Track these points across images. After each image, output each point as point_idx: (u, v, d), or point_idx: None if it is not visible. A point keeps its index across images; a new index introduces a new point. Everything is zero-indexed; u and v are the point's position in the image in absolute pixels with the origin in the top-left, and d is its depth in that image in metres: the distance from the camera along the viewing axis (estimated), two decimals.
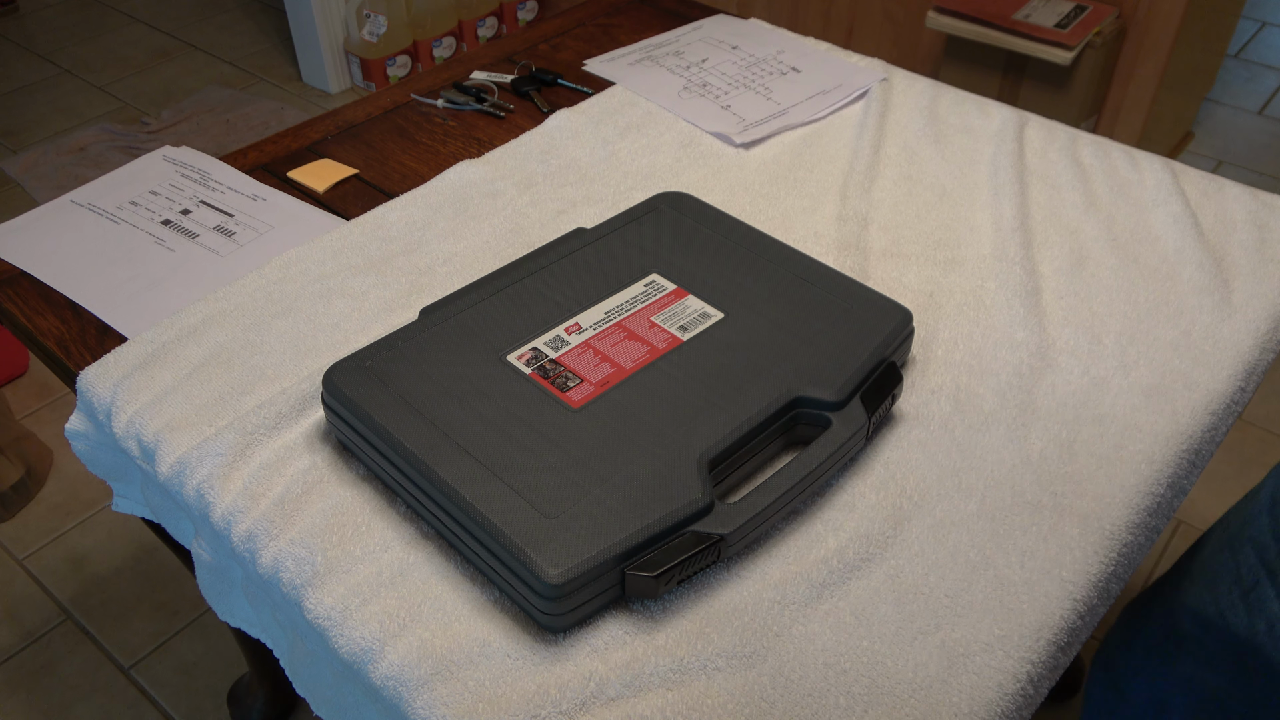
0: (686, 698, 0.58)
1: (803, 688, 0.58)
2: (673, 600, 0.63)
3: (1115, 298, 0.85)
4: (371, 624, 0.61)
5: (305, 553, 0.65)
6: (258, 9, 2.95)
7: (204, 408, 0.75)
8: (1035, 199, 0.96)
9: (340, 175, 1.01)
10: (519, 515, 0.60)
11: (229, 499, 0.69)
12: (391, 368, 0.70)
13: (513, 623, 0.61)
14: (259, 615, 0.73)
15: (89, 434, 0.81)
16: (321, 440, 0.72)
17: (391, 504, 0.68)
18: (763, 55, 1.19)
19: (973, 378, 0.77)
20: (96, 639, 1.37)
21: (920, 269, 0.88)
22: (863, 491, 0.69)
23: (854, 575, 0.64)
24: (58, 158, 2.31)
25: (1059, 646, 0.62)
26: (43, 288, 0.88)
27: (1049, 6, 1.70)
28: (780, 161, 1.02)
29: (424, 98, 1.13)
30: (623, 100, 1.11)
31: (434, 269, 0.88)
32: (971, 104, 1.09)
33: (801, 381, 0.69)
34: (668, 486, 0.62)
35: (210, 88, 2.57)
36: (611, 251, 0.81)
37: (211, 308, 0.84)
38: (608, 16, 1.30)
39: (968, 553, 0.65)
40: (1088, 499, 0.69)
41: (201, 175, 1.01)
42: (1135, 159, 1.01)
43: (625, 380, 0.70)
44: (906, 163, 1.01)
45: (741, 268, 0.80)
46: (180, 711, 1.29)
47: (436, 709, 0.57)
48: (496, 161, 1.01)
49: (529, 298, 0.77)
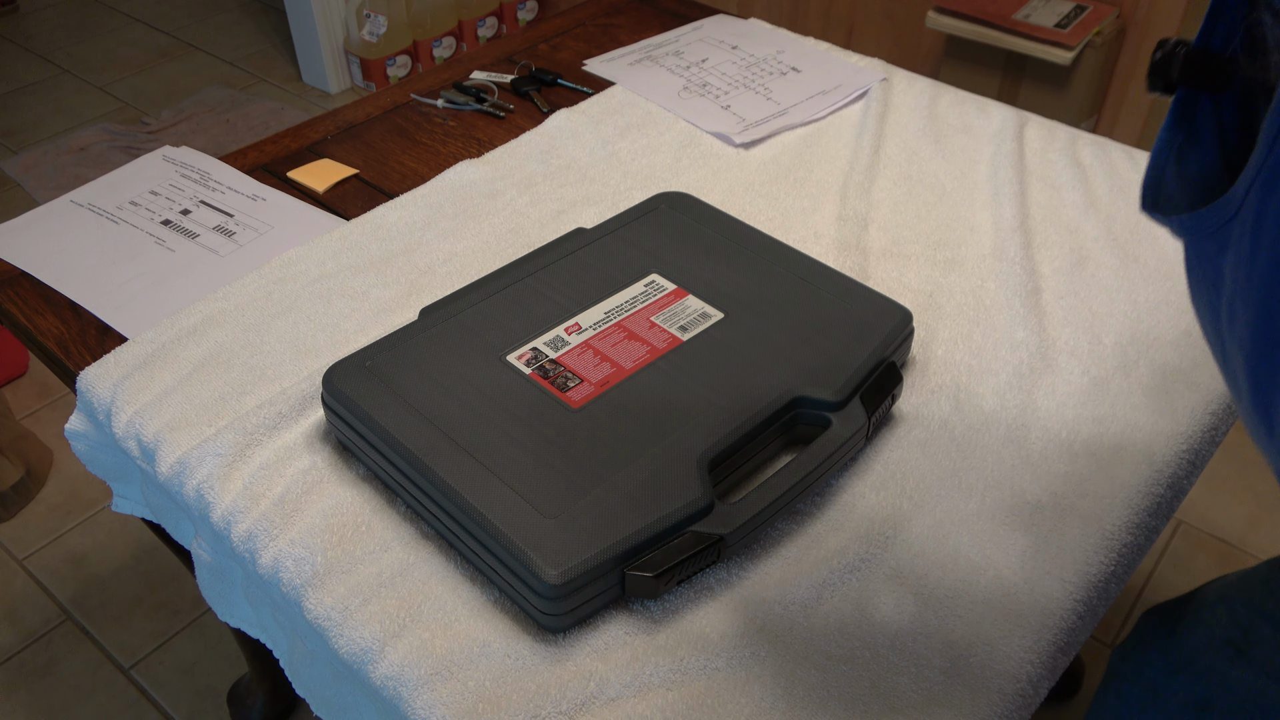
0: (687, 698, 0.58)
1: (803, 688, 0.58)
2: (673, 600, 0.63)
3: (1115, 297, 0.85)
4: (371, 624, 0.61)
5: (305, 553, 0.65)
6: (258, 9, 2.95)
7: (204, 408, 0.75)
8: (1035, 199, 0.96)
9: (340, 175, 1.01)
10: (519, 515, 0.60)
11: (229, 499, 0.69)
12: (391, 368, 0.70)
13: (513, 623, 0.61)
14: (259, 615, 0.73)
15: (89, 434, 0.81)
16: (321, 440, 0.72)
17: (391, 504, 0.68)
18: (763, 55, 1.19)
19: (973, 377, 0.77)
20: (96, 639, 1.37)
21: (920, 269, 0.88)
22: (862, 491, 0.69)
23: (854, 575, 0.64)
24: (58, 158, 2.31)
25: (1059, 646, 0.62)
26: (43, 288, 0.88)
27: (1049, 6, 1.70)
28: (780, 161, 1.02)
29: (424, 98, 1.13)
30: (623, 100, 1.11)
31: (434, 269, 0.88)
32: (971, 104, 1.09)
33: (801, 381, 0.69)
34: (668, 486, 0.62)
35: (210, 88, 2.57)
36: (611, 251, 0.81)
37: (211, 308, 0.83)
38: (607, 16, 1.30)
39: (968, 553, 0.65)
40: (1088, 499, 0.69)
41: (201, 175, 1.01)
42: (1135, 159, 1.01)
43: (625, 380, 0.70)
44: (906, 163, 1.01)
45: (741, 268, 0.79)
46: (180, 711, 1.29)
47: (436, 709, 0.57)
48: (496, 161, 1.01)
49: (529, 298, 0.77)
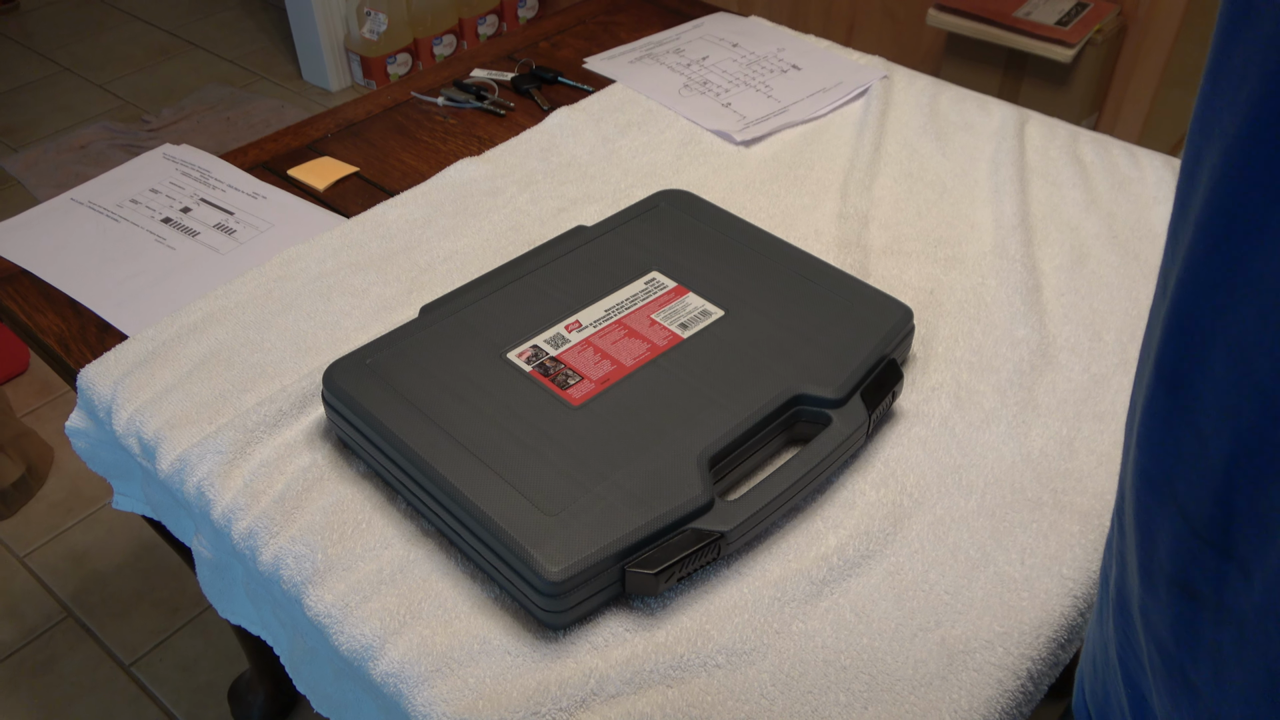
0: (687, 695, 0.58)
1: (803, 685, 0.58)
2: (673, 597, 0.63)
3: (1116, 295, 0.85)
4: (372, 621, 0.61)
5: (305, 550, 0.65)
6: (258, 7, 2.94)
7: (204, 405, 0.75)
8: (1036, 196, 0.96)
9: (341, 173, 1.01)
10: (519, 512, 0.60)
11: (229, 496, 0.69)
12: (392, 365, 0.70)
13: (513, 620, 0.61)
14: (259, 612, 0.73)
15: (89, 431, 0.81)
16: (322, 438, 0.72)
17: (392, 501, 0.68)
18: (763, 53, 1.19)
19: (973, 375, 0.77)
20: (97, 636, 1.38)
21: (921, 266, 0.88)
22: (863, 489, 0.69)
23: (854, 572, 0.64)
24: (58, 156, 2.31)
25: (1059, 643, 0.62)
26: (43, 285, 0.88)
27: (1050, 4, 1.70)
28: (781, 159, 1.02)
29: (424, 96, 1.13)
30: (623, 98, 1.11)
31: (434, 267, 0.88)
32: (972, 101, 1.09)
33: (802, 379, 0.69)
34: (668, 484, 0.62)
35: (210, 86, 2.57)
36: (612, 249, 0.81)
37: (212, 305, 0.83)
38: (608, 14, 1.30)
39: (968, 550, 0.65)
40: (1088, 496, 0.69)
41: (202, 173, 1.01)
42: (1136, 156, 1.01)
43: (625, 378, 0.70)
44: (907, 160, 1.01)
45: (742, 265, 0.79)
46: (181, 709, 1.29)
47: (437, 706, 0.57)
48: (497, 159, 1.01)
49: (529, 295, 0.77)
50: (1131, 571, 0.36)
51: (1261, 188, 0.28)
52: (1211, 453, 0.31)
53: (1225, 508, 0.31)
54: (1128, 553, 0.37)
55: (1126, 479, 0.37)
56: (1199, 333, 0.31)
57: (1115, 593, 0.39)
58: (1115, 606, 0.39)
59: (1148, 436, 0.34)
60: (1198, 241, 0.30)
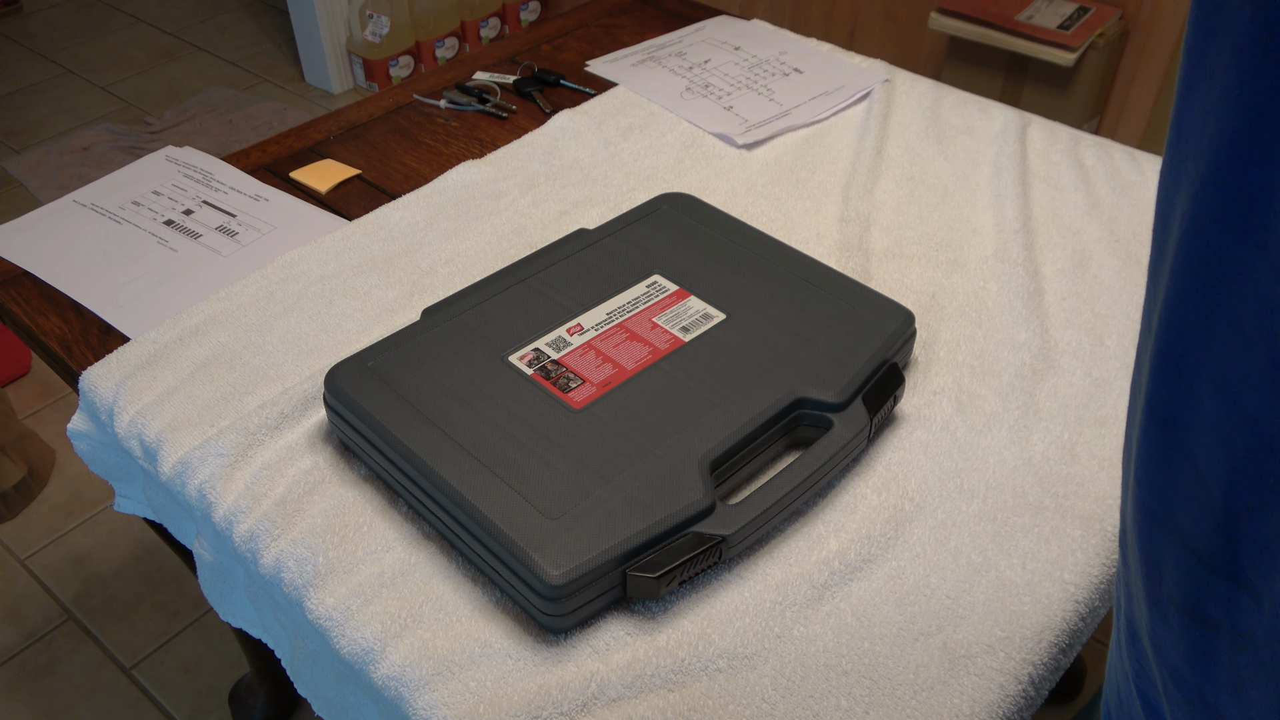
0: (688, 699, 0.58)
1: (804, 689, 0.58)
2: (674, 601, 0.63)
3: (1118, 299, 0.85)
4: (373, 624, 0.61)
5: (307, 553, 0.65)
6: (260, 9, 2.95)
7: (206, 408, 0.75)
8: (1038, 200, 0.96)
9: (342, 176, 1.01)
10: (520, 516, 0.60)
11: (231, 499, 0.69)
12: (393, 368, 0.70)
13: (514, 623, 0.61)
14: (260, 615, 0.73)
15: (91, 434, 0.81)
16: (323, 440, 0.72)
17: (393, 504, 0.68)
18: (765, 56, 1.19)
19: (975, 379, 0.77)
20: (98, 639, 1.38)
21: (922, 270, 0.88)
22: (864, 493, 0.69)
23: (855, 577, 0.64)
24: (60, 158, 2.31)
25: (1060, 648, 0.62)
26: (45, 288, 0.88)
27: (1052, 8, 1.70)
28: (782, 162, 1.02)
29: (426, 98, 1.13)
30: (625, 101, 1.11)
31: (436, 269, 0.88)
32: (974, 105, 1.09)
33: (803, 383, 0.69)
34: (669, 487, 0.62)
35: (213, 88, 2.57)
36: (613, 252, 0.81)
37: (214, 308, 0.84)
38: (610, 17, 1.30)
39: (969, 554, 0.65)
40: (1090, 501, 0.69)
41: (204, 175, 1.01)
42: (1138, 160, 1.01)
43: (627, 381, 0.70)
44: (909, 164, 1.01)
45: (743, 269, 0.79)
46: (182, 712, 1.29)
47: (438, 709, 0.57)
48: (499, 162, 1.01)
49: (531, 298, 0.77)
50: (1139, 601, 0.37)
51: (1227, 230, 0.29)
52: (1210, 485, 0.31)
53: (1229, 536, 0.31)
54: (1133, 583, 0.37)
55: (1127, 512, 0.37)
56: (1185, 370, 0.32)
57: (1125, 623, 0.39)
58: (1126, 636, 0.39)
59: (1145, 471, 0.34)
60: (1174, 283, 0.31)
